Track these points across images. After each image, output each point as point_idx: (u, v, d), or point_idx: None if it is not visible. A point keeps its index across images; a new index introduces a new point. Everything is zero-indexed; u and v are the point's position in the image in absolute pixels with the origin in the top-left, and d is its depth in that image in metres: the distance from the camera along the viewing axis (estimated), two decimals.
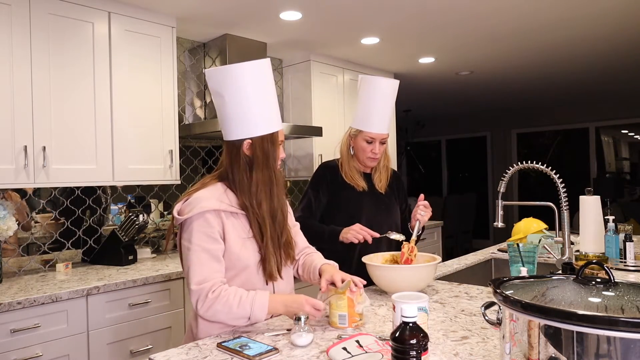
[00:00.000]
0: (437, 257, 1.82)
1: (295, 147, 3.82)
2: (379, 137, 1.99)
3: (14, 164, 2.19)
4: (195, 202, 1.37)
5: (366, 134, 1.99)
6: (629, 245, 2.13)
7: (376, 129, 1.99)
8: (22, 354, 1.94)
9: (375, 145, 2.00)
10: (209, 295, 1.31)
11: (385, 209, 2.07)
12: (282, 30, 3.20)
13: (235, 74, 1.39)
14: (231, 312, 1.31)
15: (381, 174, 2.09)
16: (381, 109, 2.00)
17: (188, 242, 1.36)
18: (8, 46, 2.19)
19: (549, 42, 3.71)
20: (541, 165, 1.94)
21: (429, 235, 4.47)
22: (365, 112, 2.00)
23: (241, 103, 1.40)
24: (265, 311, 1.34)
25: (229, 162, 1.45)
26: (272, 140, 1.43)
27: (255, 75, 1.41)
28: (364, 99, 2.02)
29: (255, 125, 1.41)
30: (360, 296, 1.39)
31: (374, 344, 1.18)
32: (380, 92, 2.00)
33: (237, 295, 1.33)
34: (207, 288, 1.32)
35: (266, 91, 1.42)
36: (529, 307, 0.81)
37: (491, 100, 6.57)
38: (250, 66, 1.41)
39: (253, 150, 1.41)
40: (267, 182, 1.42)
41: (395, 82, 2.05)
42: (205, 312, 1.32)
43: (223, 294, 1.32)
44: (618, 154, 7.02)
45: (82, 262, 2.71)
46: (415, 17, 3.04)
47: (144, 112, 2.66)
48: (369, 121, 1.99)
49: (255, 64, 1.41)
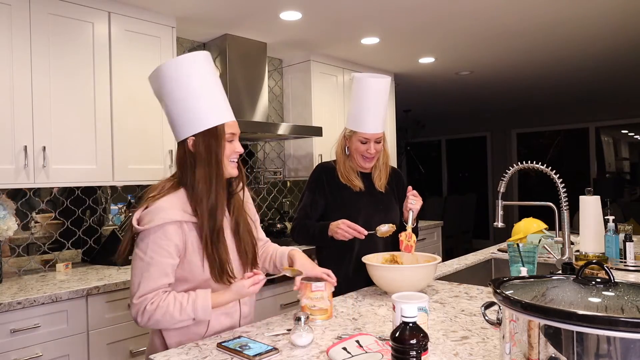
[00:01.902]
0: (437, 257, 1.82)
1: (295, 147, 3.82)
2: (373, 137, 1.97)
3: (14, 164, 2.19)
4: (155, 212, 1.29)
5: (360, 134, 1.96)
6: (629, 245, 2.13)
7: (370, 129, 1.96)
8: (22, 354, 1.94)
9: (370, 145, 1.97)
10: (147, 307, 1.27)
11: (383, 208, 2.05)
12: (282, 30, 3.21)
13: (168, 73, 1.36)
14: (173, 319, 1.28)
15: (381, 172, 2.07)
16: (374, 108, 1.96)
17: (142, 253, 1.29)
18: (8, 46, 2.19)
19: (549, 42, 3.71)
20: (541, 165, 1.94)
21: (429, 235, 4.47)
22: (358, 112, 1.97)
23: (179, 101, 1.36)
24: (209, 310, 1.30)
25: (178, 164, 1.40)
26: (216, 134, 1.36)
27: (188, 70, 1.35)
28: (356, 99, 1.99)
29: (195, 121, 1.35)
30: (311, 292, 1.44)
31: (374, 344, 1.18)
32: (372, 91, 1.97)
33: (176, 303, 1.28)
34: (147, 300, 1.27)
35: (204, 84, 1.36)
36: (529, 307, 0.81)
37: (491, 100, 6.57)
38: (180, 62, 1.36)
39: (196, 147, 1.35)
40: (208, 179, 1.35)
41: (387, 79, 2.00)
42: (146, 324, 1.28)
43: (162, 304, 1.27)
44: (618, 154, 7.02)
45: (82, 262, 2.71)
46: (415, 17, 3.04)
47: (143, 112, 2.66)
48: (363, 121, 1.96)
49: (186, 58, 1.36)
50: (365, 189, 2.03)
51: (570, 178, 5.87)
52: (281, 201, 3.90)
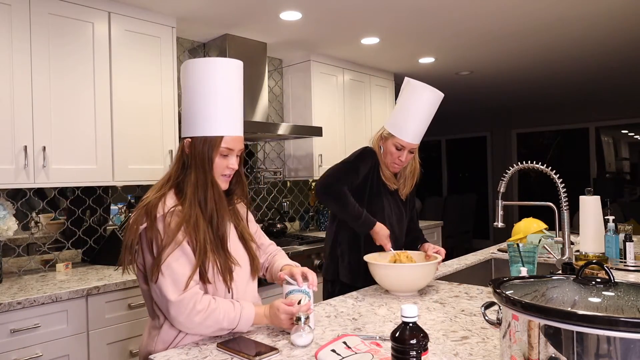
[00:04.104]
0: (438, 257, 1.83)
1: (295, 147, 3.82)
2: (409, 146, 1.98)
3: (14, 164, 2.19)
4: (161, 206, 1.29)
5: (398, 140, 1.96)
6: (629, 245, 2.13)
7: (410, 138, 1.96)
8: (22, 354, 1.93)
9: (403, 153, 1.98)
10: (196, 306, 1.23)
11: (400, 213, 2.10)
12: (282, 30, 3.21)
13: (195, 68, 1.35)
14: (217, 325, 1.26)
15: (406, 180, 2.10)
16: (419, 120, 1.96)
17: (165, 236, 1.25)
18: (8, 46, 2.19)
19: (549, 42, 3.71)
20: (541, 165, 1.94)
21: (429, 235, 4.47)
22: (403, 118, 1.97)
23: (192, 98, 1.36)
24: (250, 323, 1.31)
25: (175, 159, 1.39)
26: (212, 143, 1.33)
27: (214, 73, 1.34)
28: (404, 104, 1.98)
29: (196, 123, 1.34)
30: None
31: (361, 344, 1.18)
32: (423, 102, 1.96)
33: (223, 309, 1.27)
34: (190, 299, 1.24)
35: (221, 92, 1.34)
36: (529, 307, 0.81)
37: (491, 100, 6.57)
38: (210, 62, 1.35)
39: (191, 149, 1.34)
40: (202, 186, 1.32)
41: (440, 95, 1.99)
42: (188, 326, 1.25)
43: (211, 306, 1.25)
44: (618, 154, 7.01)
45: (82, 262, 2.71)
46: (415, 17, 3.04)
47: (144, 112, 2.66)
48: (404, 128, 1.95)
49: (217, 61, 1.35)
50: (392, 190, 2.07)
51: (570, 178, 5.86)
52: (281, 201, 3.90)
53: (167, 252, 1.25)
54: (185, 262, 1.28)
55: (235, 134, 1.37)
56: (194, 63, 1.36)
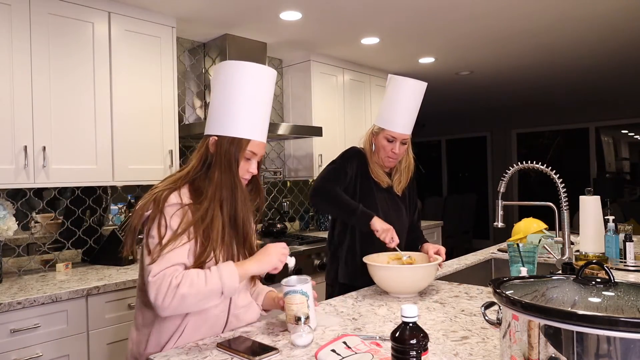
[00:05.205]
0: (438, 257, 1.83)
1: (295, 147, 3.82)
2: (400, 137, 1.99)
3: (14, 164, 2.19)
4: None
5: (388, 132, 1.99)
6: (629, 245, 2.13)
7: (398, 128, 1.99)
8: (22, 354, 1.93)
9: (395, 145, 2.00)
10: (172, 281, 1.19)
11: (398, 209, 2.09)
12: (282, 30, 3.20)
13: (230, 70, 1.37)
14: (200, 292, 1.20)
15: (401, 175, 2.10)
16: (406, 109, 2.00)
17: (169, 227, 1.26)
18: (8, 46, 2.19)
19: (549, 43, 3.71)
20: (541, 165, 1.94)
21: (429, 235, 4.47)
22: (390, 111, 2.01)
23: (224, 98, 1.37)
24: (236, 277, 1.24)
25: (195, 156, 1.39)
26: (238, 145, 1.35)
27: (248, 78, 1.36)
28: (390, 98, 2.03)
29: (227, 123, 1.35)
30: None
31: (361, 344, 1.18)
32: (407, 92, 2.01)
33: (200, 275, 1.22)
34: (167, 275, 1.20)
35: (253, 97, 1.36)
36: (529, 307, 0.81)
37: (491, 100, 6.57)
38: (246, 66, 1.37)
39: (217, 148, 1.35)
40: (227, 185, 1.34)
41: (423, 84, 2.04)
42: (170, 302, 1.18)
43: (184, 279, 1.20)
44: (618, 154, 7.02)
45: (82, 262, 2.71)
46: (415, 17, 3.04)
47: (144, 112, 2.66)
48: (393, 120, 1.99)
49: (253, 66, 1.38)
50: (386, 187, 2.06)
51: (570, 178, 5.87)
52: (281, 201, 3.90)
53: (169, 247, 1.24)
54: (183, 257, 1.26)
55: (261, 139, 1.40)
56: (232, 64, 1.38)
